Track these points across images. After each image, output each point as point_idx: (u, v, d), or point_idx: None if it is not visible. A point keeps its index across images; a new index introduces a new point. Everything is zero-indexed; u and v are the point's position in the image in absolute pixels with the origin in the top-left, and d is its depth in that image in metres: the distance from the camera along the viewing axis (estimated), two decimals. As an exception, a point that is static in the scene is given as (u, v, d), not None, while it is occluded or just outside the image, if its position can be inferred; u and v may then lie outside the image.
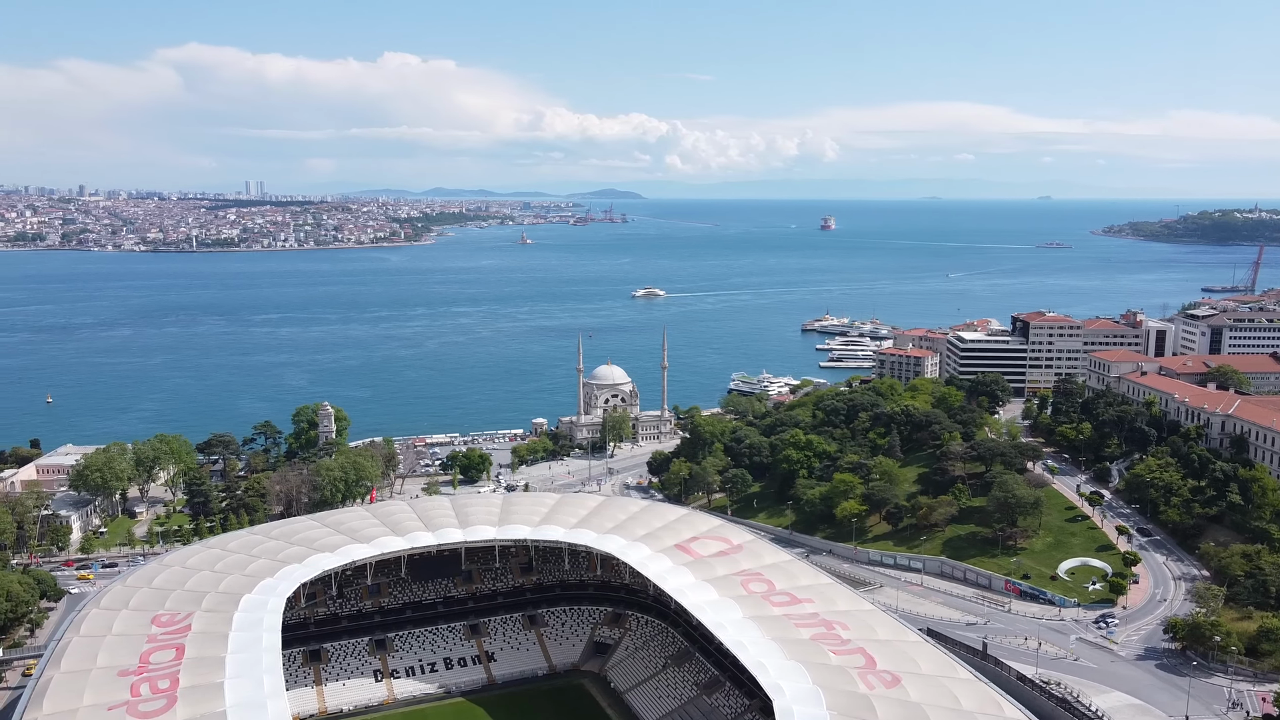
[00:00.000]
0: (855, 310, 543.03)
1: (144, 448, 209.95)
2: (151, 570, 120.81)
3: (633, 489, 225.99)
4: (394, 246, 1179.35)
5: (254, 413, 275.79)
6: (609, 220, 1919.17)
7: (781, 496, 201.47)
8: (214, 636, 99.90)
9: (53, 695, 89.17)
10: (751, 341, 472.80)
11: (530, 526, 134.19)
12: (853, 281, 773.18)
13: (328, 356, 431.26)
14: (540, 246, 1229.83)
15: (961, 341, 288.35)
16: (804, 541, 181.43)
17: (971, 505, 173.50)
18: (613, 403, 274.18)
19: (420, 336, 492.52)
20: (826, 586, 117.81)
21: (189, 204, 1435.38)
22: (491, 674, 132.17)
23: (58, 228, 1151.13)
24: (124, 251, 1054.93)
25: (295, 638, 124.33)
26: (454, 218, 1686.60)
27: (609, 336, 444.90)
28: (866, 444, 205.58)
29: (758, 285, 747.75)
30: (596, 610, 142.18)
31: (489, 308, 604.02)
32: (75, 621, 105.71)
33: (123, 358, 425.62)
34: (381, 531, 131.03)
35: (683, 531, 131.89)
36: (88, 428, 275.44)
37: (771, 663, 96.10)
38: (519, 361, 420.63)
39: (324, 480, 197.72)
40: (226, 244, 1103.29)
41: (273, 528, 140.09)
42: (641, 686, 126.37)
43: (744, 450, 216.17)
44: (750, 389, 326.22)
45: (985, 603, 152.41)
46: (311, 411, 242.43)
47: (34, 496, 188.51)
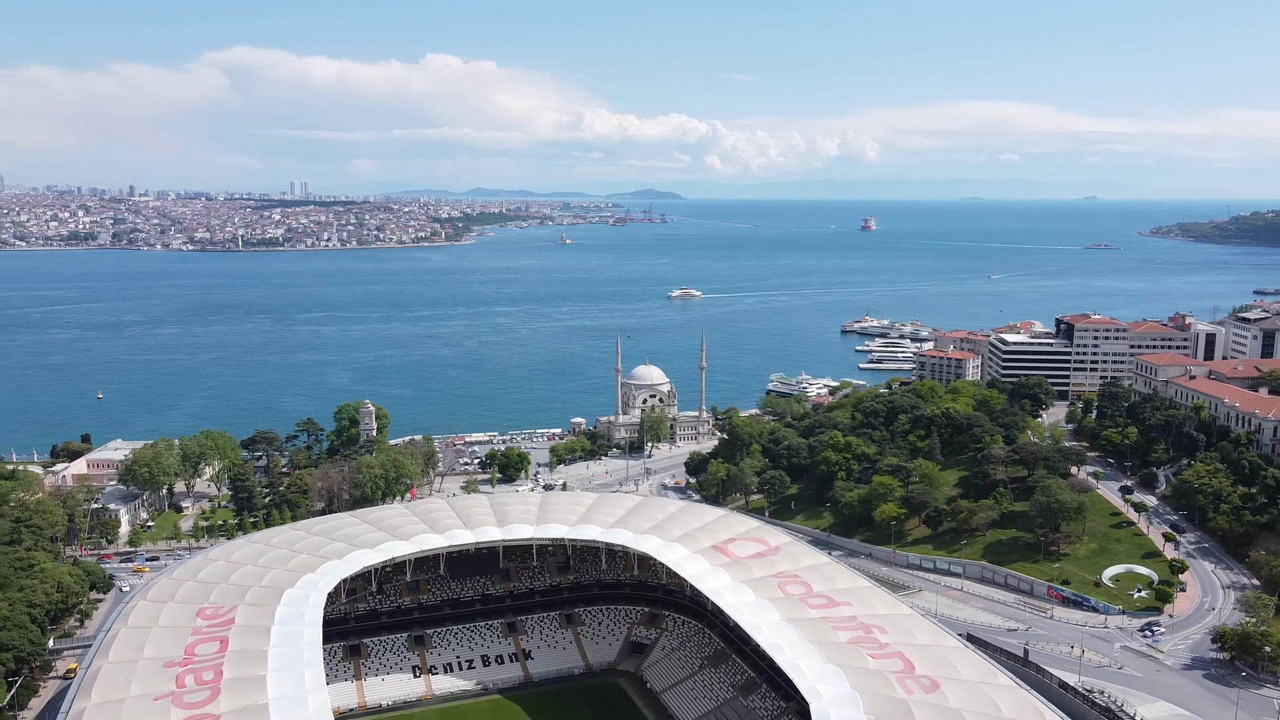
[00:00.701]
0: (895, 312, 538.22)
1: (190, 443, 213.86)
2: (197, 564, 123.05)
3: (670, 489, 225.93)
4: (434, 246, 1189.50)
5: (297, 410, 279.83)
6: (648, 221, 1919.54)
7: (820, 498, 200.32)
8: (257, 630, 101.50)
9: (101, 685, 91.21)
10: (790, 342, 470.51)
11: (568, 526, 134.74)
12: (893, 283, 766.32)
13: (369, 355, 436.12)
14: (579, 247, 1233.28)
15: (1004, 344, 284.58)
16: (842, 544, 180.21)
17: (1013, 510, 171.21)
18: (651, 403, 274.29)
19: (460, 336, 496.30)
20: (865, 590, 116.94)
21: (235, 204, 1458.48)
22: (528, 672, 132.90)
23: (109, 227, 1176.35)
24: (172, 251, 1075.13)
25: (336, 632, 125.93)
26: (494, 218, 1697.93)
27: (647, 337, 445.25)
28: (906, 446, 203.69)
29: (797, 286, 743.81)
30: (633, 610, 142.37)
31: (528, 307, 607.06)
32: (123, 613, 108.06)
33: (170, 355, 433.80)
34: (421, 529, 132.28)
35: (720, 533, 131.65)
36: (136, 423, 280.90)
37: (809, 665, 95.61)
38: (557, 361, 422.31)
39: (365, 477, 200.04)
40: (271, 243, 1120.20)
41: (314, 524, 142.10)
42: (678, 687, 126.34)
43: (782, 451, 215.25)
44: (789, 390, 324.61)
45: (1027, 608, 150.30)
46: (353, 409, 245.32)
47: (84, 490, 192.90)
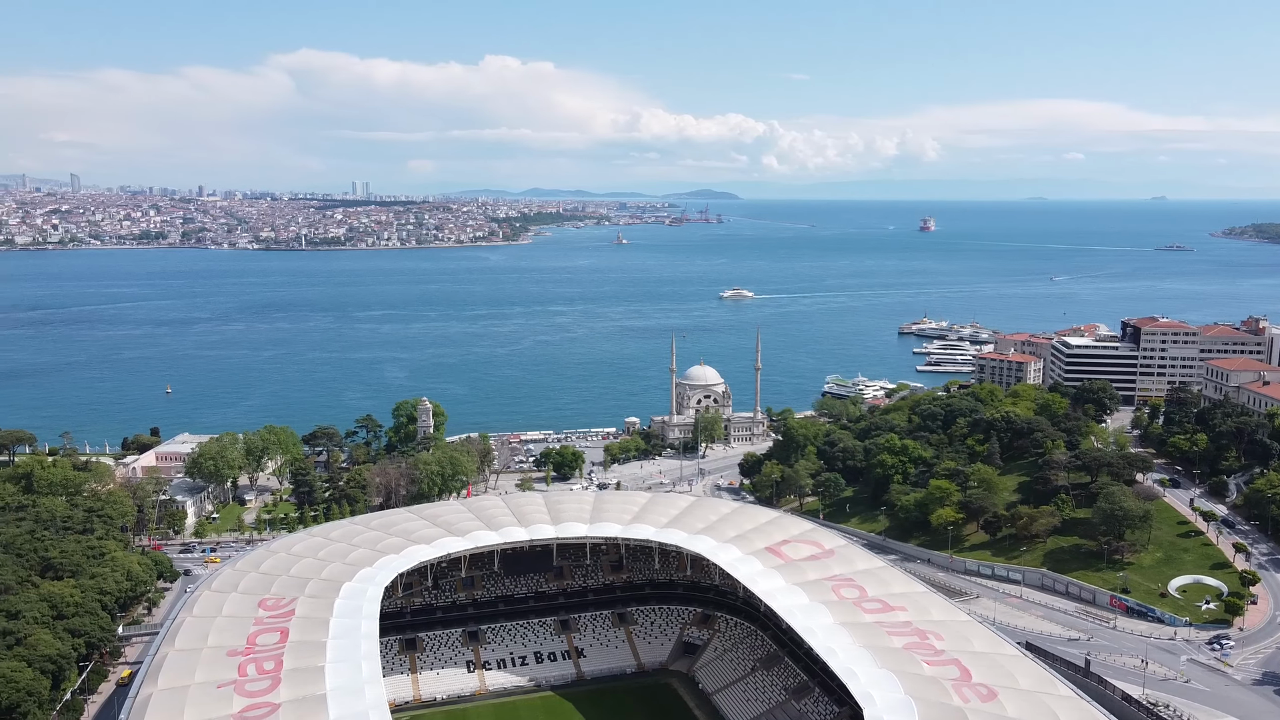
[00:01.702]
0: (954, 313, 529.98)
1: (254, 438, 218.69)
2: (259, 556, 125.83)
3: (724, 490, 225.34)
4: (492, 246, 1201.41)
5: (356, 406, 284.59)
6: (704, 221, 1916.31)
7: (875, 502, 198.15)
8: (316, 622, 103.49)
9: (167, 671, 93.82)
10: (846, 344, 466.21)
11: (621, 525, 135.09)
12: (952, 284, 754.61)
13: (427, 353, 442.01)
14: (635, 247, 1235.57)
15: (1067, 347, 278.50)
16: (897, 548, 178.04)
17: (1075, 517, 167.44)
18: (705, 403, 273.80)
19: (516, 335, 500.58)
20: (920, 595, 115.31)
21: (299, 204, 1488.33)
22: (581, 670, 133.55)
23: (178, 226, 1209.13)
24: (238, 250, 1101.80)
25: (392, 626, 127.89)
26: (551, 218, 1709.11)
27: (701, 337, 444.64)
28: (964, 451, 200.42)
29: (854, 287, 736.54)
30: (685, 610, 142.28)
31: (584, 307, 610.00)
32: (189, 602, 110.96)
33: (235, 351, 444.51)
34: (476, 526, 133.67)
35: (774, 534, 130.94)
36: (203, 417, 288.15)
37: (862, 670, 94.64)
38: (612, 360, 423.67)
39: (422, 474, 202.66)
40: (333, 242, 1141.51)
41: (372, 518, 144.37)
42: (730, 689, 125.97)
43: (837, 454, 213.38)
44: (844, 392, 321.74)
45: (1088, 618, 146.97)
46: (411, 406, 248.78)
47: (153, 482, 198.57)
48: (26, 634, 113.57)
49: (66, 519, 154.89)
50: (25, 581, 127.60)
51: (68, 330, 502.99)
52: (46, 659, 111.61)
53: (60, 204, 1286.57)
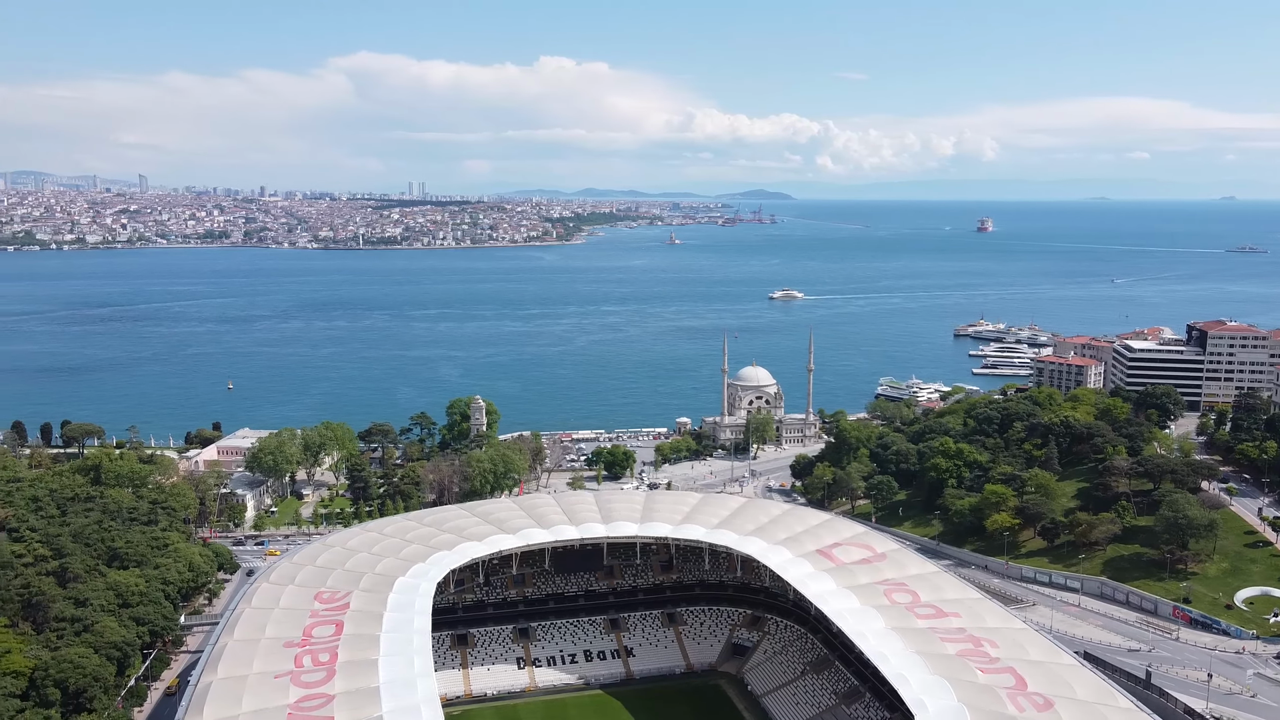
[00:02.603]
0: (1012, 316, 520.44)
1: (311, 434, 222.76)
2: (315, 549, 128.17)
3: (775, 492, 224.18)
4: (546, 245, 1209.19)
5: (411, 404, 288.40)
6: (757, 221, 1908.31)
7: (929, 506, 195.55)
8: (370, 615, 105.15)
9: (227, 661, 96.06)
10: (901, 346, 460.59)
11: (671, 525, 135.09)
12: (1010, 286, 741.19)
13: (481, 352, 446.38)
14: (688, 247, 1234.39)
15: (1129, 350, 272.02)
16: (951, 553, 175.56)
17: (1136, 524, 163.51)
18: (757, 404, 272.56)
19: (569, 334, 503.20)
20: (975, 601, 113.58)
21: (357, 204, 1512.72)
22: (630, 669, 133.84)
23: (241, 226, 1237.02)
24: (298, 249, 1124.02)
25: (444, 621, 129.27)
26: (604, 218, 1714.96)
27: (753, 337, 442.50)
28: (1021, 455, 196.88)
29: (909, 288, 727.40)
30: (735, 612, 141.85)
31: (637, 307, 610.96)
32: (248, 594, 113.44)
33: (295, 348, 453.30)
34: (527, 523, 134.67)
35: (825, 537, 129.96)
36: (263, 413, 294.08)
37: (914, 676, 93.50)
38: (664, 360, 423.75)
39: (474, 471, 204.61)
40: (390, 242, 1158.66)
41: (426, 515, 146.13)
42: (779, 691, 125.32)
43: (890, 457, 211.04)
44: (898, 394, 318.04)
45: (1150, 628, 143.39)
46: (464, 404, 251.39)
47: (215, 476, 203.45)
48: (94, 621, 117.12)
49: (132, 510, 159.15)
50: (93, 570, 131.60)
51: (135, 327, 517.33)
52: (112, 646, 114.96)
53: (129, 204, 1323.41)
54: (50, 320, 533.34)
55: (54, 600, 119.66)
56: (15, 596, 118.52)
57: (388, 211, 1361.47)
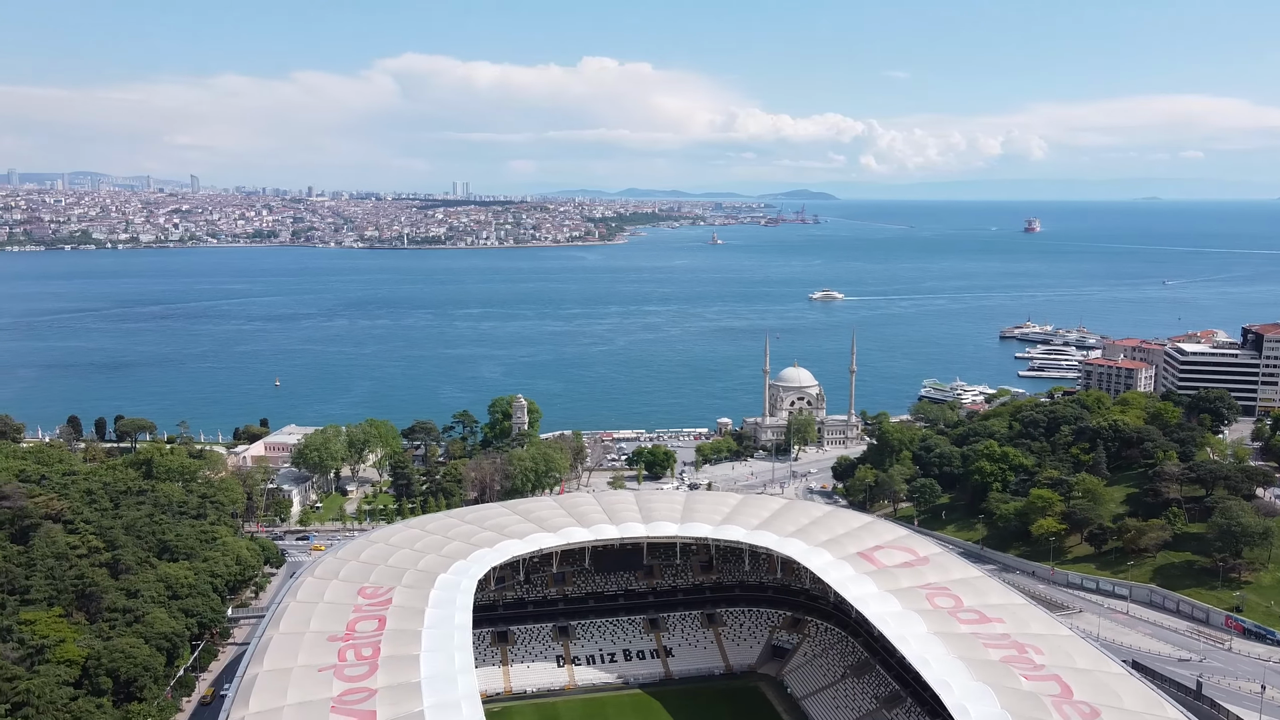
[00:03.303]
0: (1060, 317, 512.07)
1: (356, 431, 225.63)
2: (359, 545, 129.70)
3: (816, 493, 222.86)
4: (588, 245, 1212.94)
5: (453, 402, 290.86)
6: (800, 221, 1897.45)
7: (972, 510, 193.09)
8: (412, 611, 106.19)
9: (273, 653, 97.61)
10: (945, 348, 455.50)
11: (712, 525, 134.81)
12: (1058, 287, 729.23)
13: (523, 351, 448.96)
14: (730, 247, 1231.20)
15: (1181, 353, 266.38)
16: (995, 558, 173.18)
17: (1187, 531, 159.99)
18: (798, 405, 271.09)
19: (611, 334, 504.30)
20: (1019, 607, 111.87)
21: (402, 204, 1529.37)
22: (669, 669, 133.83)
23: (289, 225, 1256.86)
24: (344, 248, 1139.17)
25: (484, 618, 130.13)
26: (647, 218, 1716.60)
27: (795, 338, 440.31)
28: (1068, 459, 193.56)
29: (954, 290, 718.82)
30: (775, 613, 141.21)
31: (679, 307, 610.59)
32: (293, 587, 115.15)
33: (340, 346, 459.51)
34: (568, 522, 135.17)
35: (866, 540, 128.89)
36: (309, 410, 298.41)
37: (957, 682, 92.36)
38: (706, 361, 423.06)
39: (516, 470, 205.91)
40: (434, 241, 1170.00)
41: (467, 512, 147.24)
42: (819, 694, 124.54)
43: (933, 459, 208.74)
44: (942, 396, 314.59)
45: (1201, 638, 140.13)
46: (506, 403, 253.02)
47: (262, 471, 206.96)
48: (144, 612, 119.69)
49: (182, 504, 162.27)
50: (144, 562, 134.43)
51: (186, 324, 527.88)
52: (162, 636, 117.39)
53: (181, 204, 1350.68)
54: (105, 318, 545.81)
55: (107, 591, 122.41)
56: (70, 587, 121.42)
57: (432, 211, 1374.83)
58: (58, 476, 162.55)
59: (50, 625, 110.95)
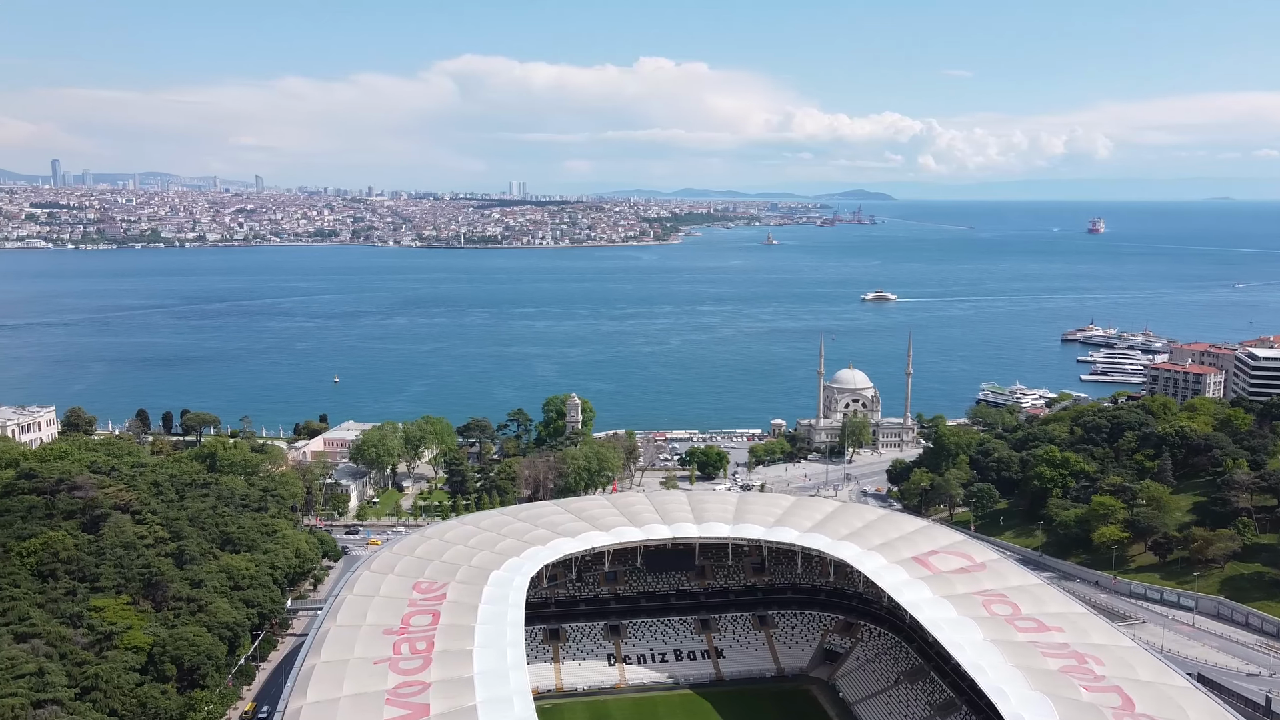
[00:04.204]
0: (1125, 320, 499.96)
1: (412, 428, 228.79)
2: (414, 540, 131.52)
3: (870, 497, 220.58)
4: (643, 245, 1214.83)
5: (508, 400, 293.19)
6: (857, 222, 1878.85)
7: (1031, 516, 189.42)
8: (465, 607, 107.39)
9: (330, 645, 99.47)
10: (1005, 350, 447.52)
11: (764, 527, 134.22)
12: (1123, 289, 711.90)
13: (577, 350, 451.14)
14: (785, 247, 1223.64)
15: (1253, 359, 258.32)
16: (1055, 565, 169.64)
17: (1258, 542, 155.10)
18: (853, 407, 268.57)
19: (665, 334, 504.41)
20: (1079, 616, 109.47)
21: (459, 204, 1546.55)
22: (720, 670, 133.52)
23: (349, 225, 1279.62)
24: (402, 247, 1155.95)
25: (537, 615, 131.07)
26: (702, 218, 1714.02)
27: (850, 340, 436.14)
28: (1132, 466, 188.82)
29: (1015, 291, 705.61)
30: (827, 617, 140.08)
31: (733, 307, 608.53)
32: (350, 581, 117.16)
33: (398, 344, 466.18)
34: (620, 521, 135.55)
35: (921, 544, 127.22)
36: (366, 406, 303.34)
37: (1014, 691, 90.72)
38: (759, 361, 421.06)
39: (569, 468, 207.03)
40: (490, 241, 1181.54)
41: (521, 510, 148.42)
42: (871, 700, 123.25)
43: (991, 464, 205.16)
44: (1001, 400, 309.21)
45: (1272, 653, 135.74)
46: (560, 402, 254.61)
47: (320, 466, 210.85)
48: (207, 601, 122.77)
49: (244, 497, 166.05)
50: (207, 553, 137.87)
51: (249, 321, 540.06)
52: (224, 626, 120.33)
53: (245, 204, 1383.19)
54: (172, 314, 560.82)
55: (172, 580, 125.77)
56: (137, 576, 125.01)
57: (489, 211, 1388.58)
58: (127, 468, 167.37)
59: (118, 612, 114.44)
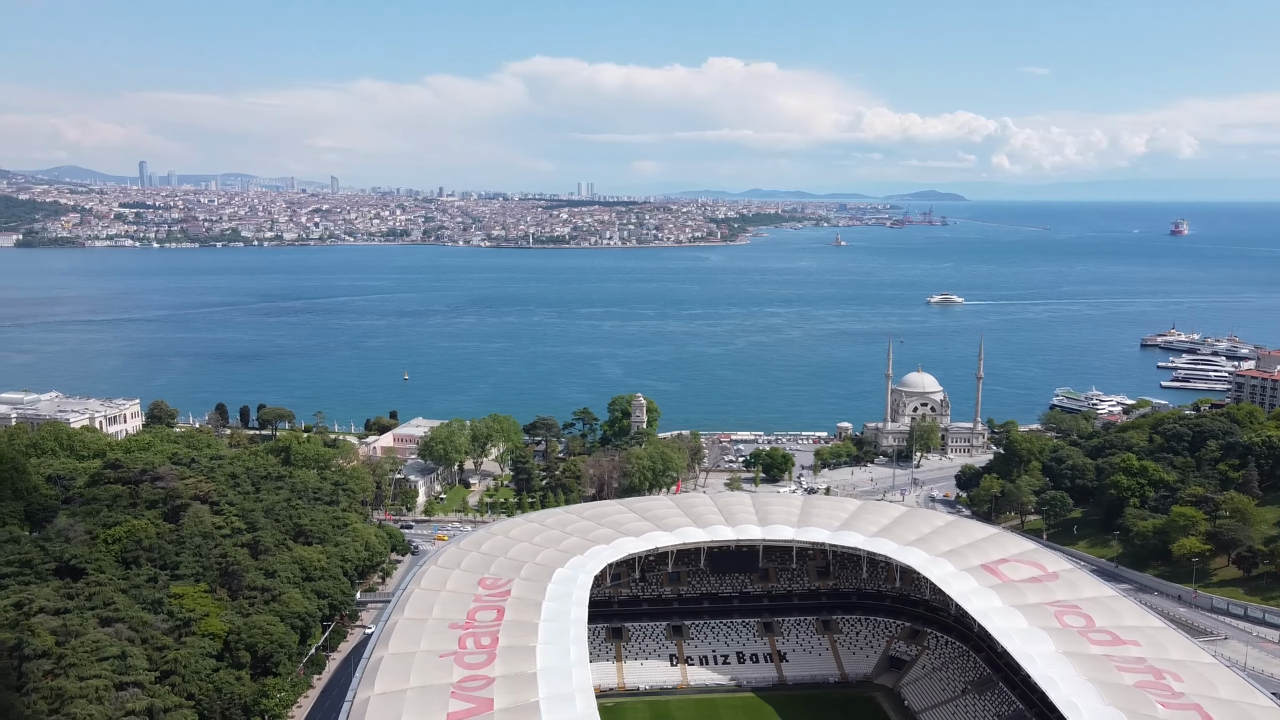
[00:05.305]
0: (1209, 325, 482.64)
1: (479, 425, 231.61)
2: (480, 536, 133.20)
3: (938, 502, 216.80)
4: (710, 246, 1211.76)
5: (574, 399, 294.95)
6: (928, 223, 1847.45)
7: (1106, 525, 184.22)
8: (529, 604, 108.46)
9: (397, 637, 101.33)
10: (1080, 355, 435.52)
11: (829, 531, 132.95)
12: (1207, 293, 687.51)
13: (643, 350, 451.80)
14: (854, 249, 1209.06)
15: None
16: (1131, 577, 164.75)
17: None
18: (921, 411, 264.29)
19: (730, 335, 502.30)
20: (1157, 630, 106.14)
21: (528, 204, 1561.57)
22: (782, 674, 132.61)
23: (420, 225, 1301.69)
24: (472, 247, 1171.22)
25: (600, 614, 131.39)
26: (769, 218, 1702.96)
27: (918, 342, 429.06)
28: (1215, 476, 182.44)
29: (1092, 295, 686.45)
30: (893, 623, 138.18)
31: (800, 309, 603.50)
32: (418, 575, 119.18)
33: (466, 342, 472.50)
34: (684, 522, 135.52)
35: (991, 552, 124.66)
36: (435, 404, 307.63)
37: (1087, 705, 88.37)
38: (826, 363, 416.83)
39: (633, 468, 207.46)
40: (558, 241, 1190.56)
41: (585, 508, 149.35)
42: (937, 709, 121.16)
43: (1065, 471, 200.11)
44: (1076, 406, 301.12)
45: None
46: (625, 402, 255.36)
47: (390, 462, 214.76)
48: (281, 591, 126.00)
49: (317, 490, 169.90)
50: (281, 544, 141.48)
51: (323, 319, 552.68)
52: (296, 616, 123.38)
53: (321, 204, 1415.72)
54: (250, 311, 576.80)
55: (247, 570, 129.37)
56: (214, 565, 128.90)
57: (557, 211, 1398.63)
58: (206, 460, 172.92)
59: (196, 600, 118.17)
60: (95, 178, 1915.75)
